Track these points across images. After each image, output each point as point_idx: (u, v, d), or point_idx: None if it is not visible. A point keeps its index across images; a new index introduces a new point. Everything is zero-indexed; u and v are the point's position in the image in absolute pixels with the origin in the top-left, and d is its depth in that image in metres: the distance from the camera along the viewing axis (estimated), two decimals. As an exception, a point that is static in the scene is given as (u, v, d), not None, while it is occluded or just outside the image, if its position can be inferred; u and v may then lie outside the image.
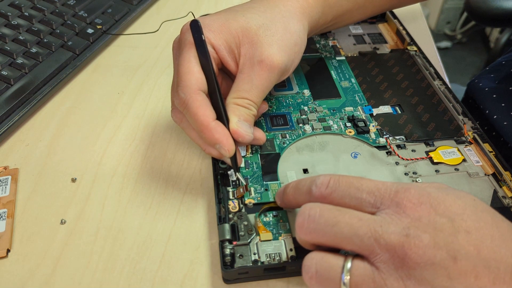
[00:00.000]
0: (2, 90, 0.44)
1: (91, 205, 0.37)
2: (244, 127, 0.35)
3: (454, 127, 0.42)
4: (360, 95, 0.45)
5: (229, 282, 0.32)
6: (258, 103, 0.36)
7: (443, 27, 1.93)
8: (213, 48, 0.36)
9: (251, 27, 0.36)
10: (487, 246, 0.24)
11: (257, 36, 0.36)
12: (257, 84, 0.35)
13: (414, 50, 0.51)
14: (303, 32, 0.39)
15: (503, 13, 0.80)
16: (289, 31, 0.37)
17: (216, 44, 0.36)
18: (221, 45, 0.36)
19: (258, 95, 0.36)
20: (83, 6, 0.55)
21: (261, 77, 0.35)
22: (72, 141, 0.42)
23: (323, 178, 0.29)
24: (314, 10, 0.41)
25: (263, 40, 0.36)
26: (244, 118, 0.35)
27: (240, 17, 0.37)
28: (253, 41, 0.36)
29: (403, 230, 0.25)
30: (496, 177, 0.37)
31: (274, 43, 0.36)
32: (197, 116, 0.33)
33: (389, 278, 0.25)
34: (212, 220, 0.36)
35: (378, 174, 0.37)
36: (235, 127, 0.34)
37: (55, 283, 0.32)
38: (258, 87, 0.35)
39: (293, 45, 0.37)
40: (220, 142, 0.33)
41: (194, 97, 0.33)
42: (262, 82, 0.35)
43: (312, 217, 0.27)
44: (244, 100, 0.35)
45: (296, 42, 0.37)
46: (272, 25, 0.37)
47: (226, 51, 0.36)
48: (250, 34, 0.36)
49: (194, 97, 0.33)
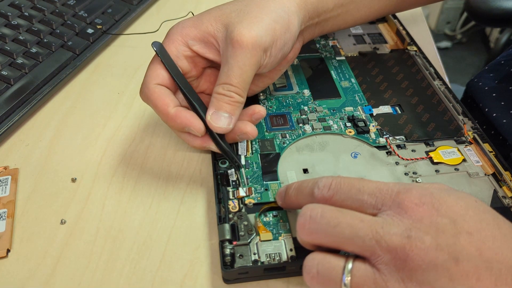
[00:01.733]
0: (2, 90, 0.44)
1: (91, 205, 0.37)
2: (216, 119, 0.34)
3: (454, 127, 0.42)
4: (360, 95, 0.45)
5: (229, 282, 0.32)
6: (241, 86, 0.34)
7: (443, 27, 1.93)
8: (187, 47, 0.36)
9: (224, 13, 0.36)
10: (489, 247, 0.24)
11: (229, 18, 0.35)
12: (233, 65, 0.34)
13: (414, 50, 0.51)
14: (285, 12, 0.37)
15: (503, 13, 0.80)
16: (266, 10, 0.36)
17: (189, 41, 0.36)
18: (194, 40, 0.36)
19: (237, 77, 0.34)
20: (83, 6, 0.55)
21: (235, 56, 0.34)
22: (72, 141, 0.42)
23: (325, 180, 0.29)
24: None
25: (233, 21, 0.35)
26: (224, 108, 0.34)
27: (215, 9, 0.37)
28: (226, 24, 0.35)
29: (404, 232, 0.25)
30: (496, 177, 0.37)
31: (245, 20, 0.35)
32: (157, 106, 0.35)
33: (390, 280, 0.25)
34: (212, 220, 0.36)
35: (378, 174, 0.37)
36: (208, 118, 0.34)
37: (55, 283, 0.32)
38: (234, 68, 0.34)
39: (272, 21, 0.35)
40: (185, 125, 0.34)
41: (152, 89, 0.35)
42: (237, 61, 0.34)
43: (313, 218, 0.27)
44: (224, 86, 0.34)
45: (275, 20, 0.35)
46: (245, 8, 0.36)
47: (203, 44, 0.36)
48: (222, 19, 0.36)
49: (152, 90, 0.35)
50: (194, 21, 0.37)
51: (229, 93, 0.34)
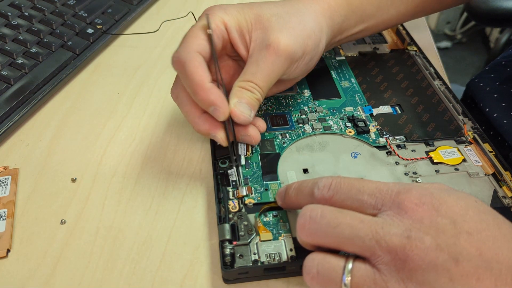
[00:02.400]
0: (2, 90, 0.44)
1: (91, 205, 0.37)
2: (241, 108, 0.34)
3: (454, 127, 0.42)
4: (360, 95, 0.45)
5: (229, 282, 0.32)
6: (264, 88, 0.36)
7: (443, 27, 1.93)
8: (226, 29, 0.36)
9: (264, 14, 0.37)
10: (489, 248, 0.24)
11: (269, 22, 0.36)
12: (263, 67, 0.35)
13: (414, 50, 0.51)
14: (319, 30, 0.38)
15: (503, 13, 0.80)
16: (303, 24, 0.37)
17: (229, 25, 0.36)
18: (233, 27, 0.36)
19: (263, 79, 0.35)
20: (83, 6, 0.55)
21: (267, 61, 0.35)
22: (72, 141, 0.42)
23: (325, 180, 0.29)
24: (336, 13, 0.40)
25: (274, 26, 0.36)
26: (246, 101, 0.35)
27: (256, 6, 0.38)
28: (265, 26, 0.36)
29: (404, 232, 0.25)
30: (496, 177, 0.37)
31: (284, 29, 0.36)
32: (193, 75, 0.33)
33: (390, 280, 0.25)
34: (212, 220, 0.36)
35: (378, 174, 0.37)
36: (232, 106, 0.34)
37: (55, 283, 0.32)
38: (263, 71, 0.35)
39: (306, 37, 0.37)
40: (214, 103, 0.33)
41: (193, 56, 0.34)
42: (268, 65, 0.35)
43: (313, 218, 0.27)
44: (248, 83, 0.35)
45: (310, 36, 0.37)
46: (286, 16, 0.37)
47: (238, 34, 0.37)
48: (262, 20, 0.36)
49: (193, 57, 0.34)
50: (237, 10, 0.37)
51: (253, 89, 0.35)
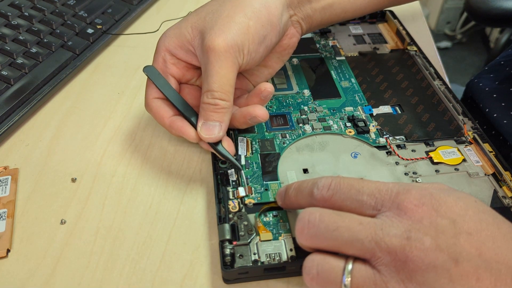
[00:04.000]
0: (2, 90, 0.44)
1: (91, 205, 0.37)
2: (205, 129, 0.35)
3: (454, 127, 0.42)
4: (360, 95, 0.45)
5: (229, 282, 0.32)
6: (225, 91, 0.34)
7: (443, 27, 1.93)
8: (171, 55, 0.38)
9: (199, 18, 0.36)
10: (489, 248, 0.24)
11: (204, 23, 0.36)
12: (212, 73, 0.34)
13: (414, 50, 0.51)
14: (263, 5, 0.36)
15: (503, 13, 0.80)
16: (239, 7, 0.35)
17: (171, 48, 0.37)
18: (176, 47, 0.37)
19: (216, 83, 0.34)
20: (83, 6, 0.55)
21: (211, 64, 0.34)
22: (72, 141, 0.42)
23: (325, 180, 0.29)
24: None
25: (207, 26, 0.35)
26: (211, 118, 0.35)
27: (193, 14, 0.38)
28: (201, 30, 0.36)
29: (404, 233, 0.25)
30: (496, 177, 0.37)
31: (216, 25, 0.35)
32: (156, 118, 0.38)
33: (390, 281, 0.25)
34: (212, 220, 0.36)
35: (378, 174, 0.37)
36: (198, 130, 0.35)
37: (55, 283, 0.32)
38: (214, 76, 0.34)
39: (245, 18, 0.35)
40: (179, 133, 0.36)
41: (150, 104, 0.38)
42: (214, 68, 0.34)
43: (312, 222, 0.27)
44: (207, 94, 0.34)
45: (249, 16, 0.35)
46: (220, 8, 0.36)
47: (183, 51, 0.37)
48: (198, 25, 0.36)
49: (150, 104, 0.38)
50: (174, 29, 0.38)
51: (213, 100, 0.34)
